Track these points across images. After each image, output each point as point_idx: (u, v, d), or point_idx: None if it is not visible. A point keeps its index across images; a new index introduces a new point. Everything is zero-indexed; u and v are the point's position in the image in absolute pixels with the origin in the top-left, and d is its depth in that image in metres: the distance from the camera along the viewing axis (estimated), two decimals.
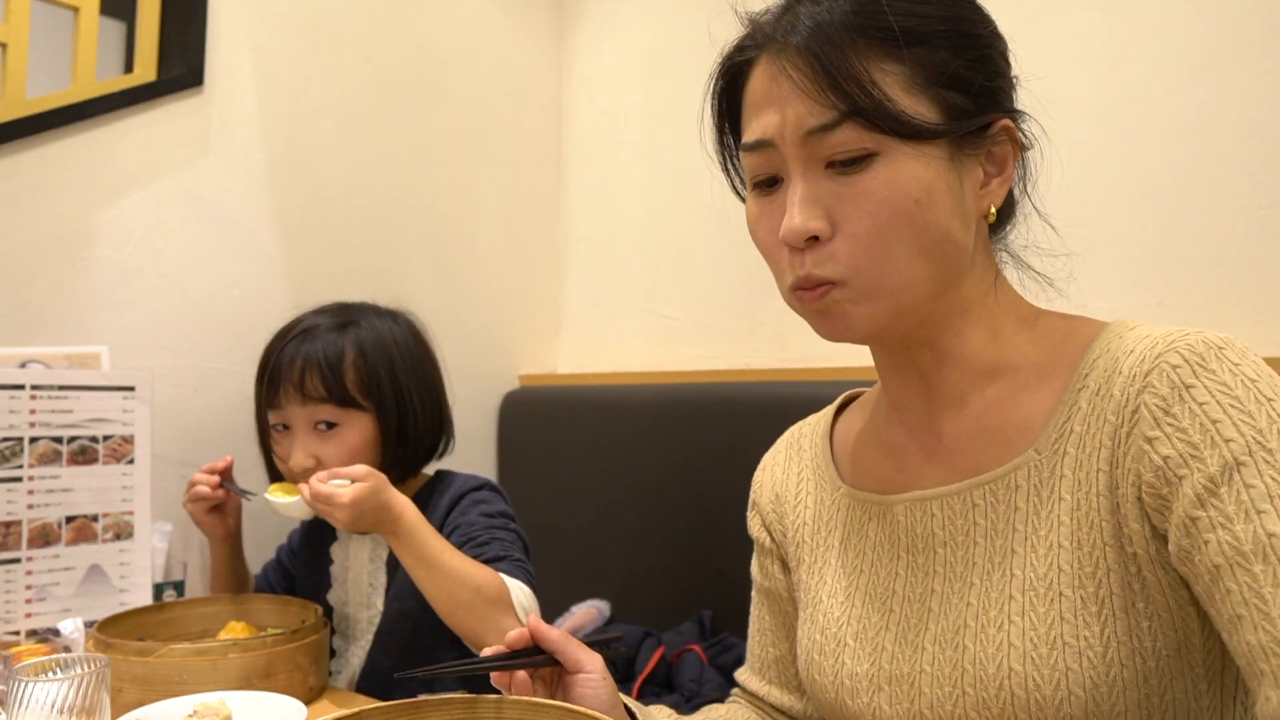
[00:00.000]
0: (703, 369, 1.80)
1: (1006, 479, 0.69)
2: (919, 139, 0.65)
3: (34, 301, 1.38)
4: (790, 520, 0.86)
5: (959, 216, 0.68)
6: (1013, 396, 0.72)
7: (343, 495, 1.10)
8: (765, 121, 0.69)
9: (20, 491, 1.19)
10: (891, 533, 0.75)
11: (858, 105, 0.64)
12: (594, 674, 0.75)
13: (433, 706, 0.71)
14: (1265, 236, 1.23)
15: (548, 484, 1.87)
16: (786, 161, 0.69)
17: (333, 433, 1.23)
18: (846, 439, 0.86)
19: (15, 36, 1.36)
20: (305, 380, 1.22)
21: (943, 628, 0.69)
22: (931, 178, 0.66)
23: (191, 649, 1.03)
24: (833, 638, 0.76)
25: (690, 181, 1.87)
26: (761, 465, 0.94)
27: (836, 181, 0.67)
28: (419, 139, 1.86)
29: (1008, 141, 0.70)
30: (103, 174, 1.45)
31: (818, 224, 0.67)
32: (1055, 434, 0.68)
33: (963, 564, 0.70)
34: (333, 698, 1.12)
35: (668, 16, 1.93)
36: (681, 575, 1.65)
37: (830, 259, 0.67)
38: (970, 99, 0.67)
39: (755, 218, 0.74)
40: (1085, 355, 0.69)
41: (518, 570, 1.17)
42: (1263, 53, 1.23)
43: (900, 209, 0.65)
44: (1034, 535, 0.67)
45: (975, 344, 0.73)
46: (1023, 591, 0.66)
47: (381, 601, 1.26)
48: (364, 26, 1.77)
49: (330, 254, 1.71)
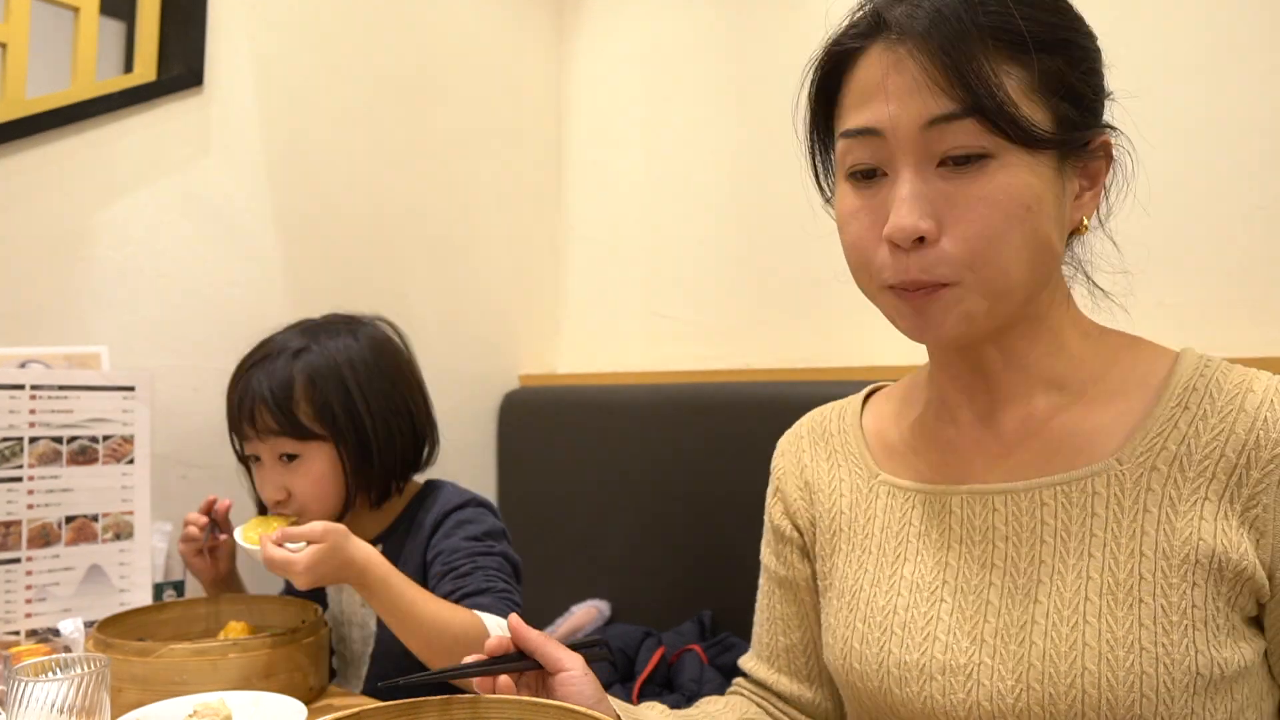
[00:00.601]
0: (703, 369, 1.80)
1: (1083, 484, 0.70)
2: (1034, 146, 0.65)
3: (34, 301, 1.38)
4: (824, 508, 0.85)
5: (1058, 227, 0.69)
6: (1077, 406, 0.73)
7: (298, 561, 1.05)
8: (876, 110, 0.67)
9: (20, 491, 1.19)
10: (942, 523, 0.75)
11: (982, 103, 0.64)
12: (574, 672, 0.74)
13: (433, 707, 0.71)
14: (1265, 236, 1.23)
15: (548, 484, 1.87)
16: (895, 155, 0.67)
17: (296, 464, 1.21)
18: (879, 430, 0.85)
19: (15, 36, 1.36)
20: (256, 416, 1.19)
21: (1005, 622, 0.69)
22: (1042, 186, 0.66)
23: (191, 649, 1.02)
24: (878, 626, 0.76)
25: (690, 181, 1.87)
26: (780, 450, 0.93)
27: (949, 182, 0.66)
28: (419, 139, 1.86)
29: (1103, 157, 0.71)
30: (103, 174, 1.45)
31: (928, 224, 0.66)
32: (1143, 448, 0.68)
33: (1027, 560, 0.70)
34: (333, 698, 1.12)
35: (667, 16, 1.93)
36: (681, 575, 1.65)
37: (940, 262, 0.66)
38: (1079, 111, 0.68)
39: (851, 210, 0.71)
40: (1172, 377, 0.71)
41: (500, 604, 1.13)
42: (1263, 52, 1.23)
43: (1013, 214, 0.65)
44: (1114, 542, 0.67)
45: (1041, 350, 0.74)
46: (1099, 595, 0.67)
47: (374, 621, 1.25)
48: (364, 26, 1.77)
49: (330, 254, 1.71)
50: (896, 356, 1.47)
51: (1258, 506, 0.65)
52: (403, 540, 1.26)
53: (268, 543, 1.08)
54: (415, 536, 1.25)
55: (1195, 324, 1.27)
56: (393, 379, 1.27)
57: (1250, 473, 0.65)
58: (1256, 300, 1.23)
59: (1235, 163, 1.25)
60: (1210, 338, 1.25)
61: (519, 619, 0.77)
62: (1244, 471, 0.66)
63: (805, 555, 0.87)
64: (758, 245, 1.75)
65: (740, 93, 1.80)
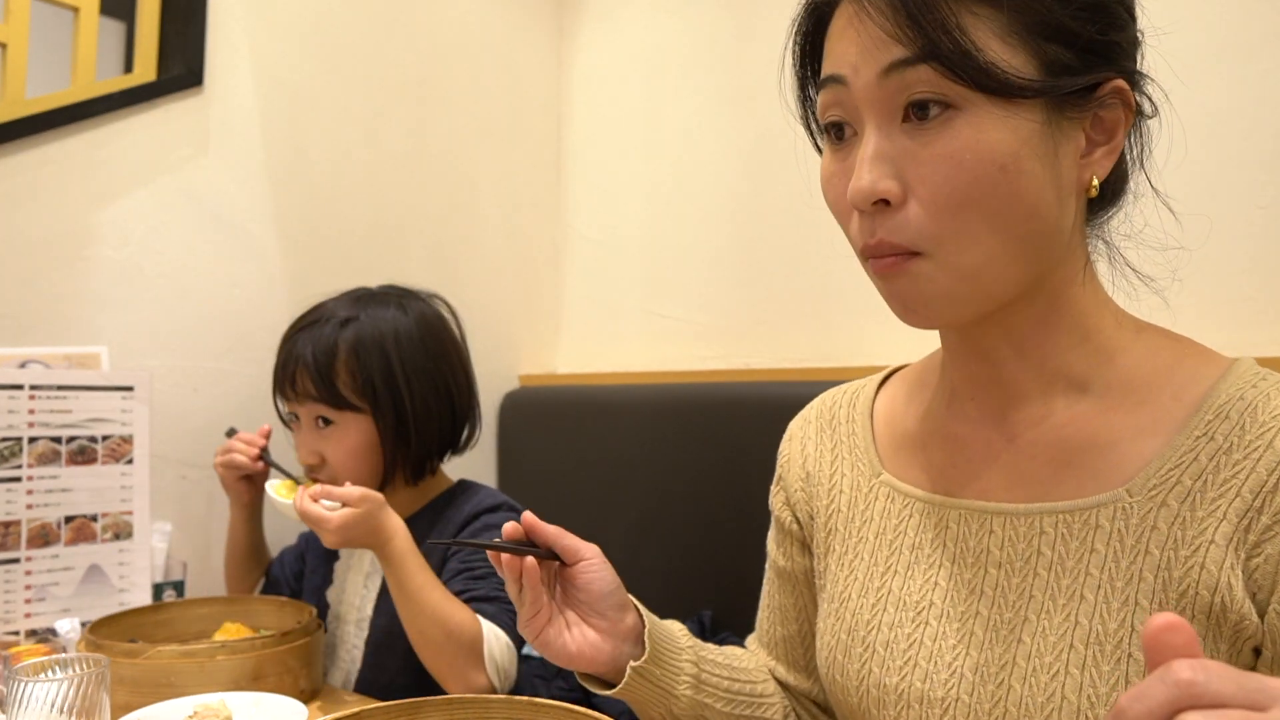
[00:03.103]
0: (703, 369, 1.80)
1: (1087, 515, 0.63)
2: (1008, 96, 0.58)
3: (34, 301, 1.38)
4: (822, 504, 0.81)
5: (1053, 189, 0.60)
6: (1102, 415, 0.65)
7: (331, 519, 1.07)
8: (839, 57, 0.63)
9: (19, 491, 1.19)
10: (937, 539, 0.70)
11: (937, 46, 0.57)
12: (594, 560, 0.74)
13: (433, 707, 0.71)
14: (1265, 236, 1.23)
15: (548, 484, 1.87)
16: (860, 107, 0.62)
17: (331, 430, 1.22)
18: (890, 419, 0.79)
19: (15, 36, 1.36)
20: (297, 379, 1.21)
21: (987, 658, 0.65)
22: (1019, 143, 0.58)
23: (179, 651, 1.02)
24: (861, 641, 0.72)
25: (691, 181, 1.87)
26: (788, 435, 0.89)
27: (913, 139, 0.60)
28: (419, 138, 1.86)
29: (1119, 105, 0.62)
30: (103, 174, 1.45)
31: (887, 184, 0.60)
32: (1156, 480, 0.61)
33: (1017, 593, 0.65)
34: (327, 699, 1.12)
35: (668, 16, 1.93)
36: (681, 575, 1.65)
37: (906, 226, 0.60)
38: (1076, 54, 0.59)
39: (828, 175, 0.67)
40: (1210, 397, 0.62)
41: (505, 615, 1.12)
42: (1263, 52, 1.23)
43: (982, 175, 0.58)
44: (1109, 585, 0.61)
45: (1063, 343, 0.66)
46: (1086, 643, 0.61)
47: (371, 609, 1.25)
48: (364, 27, 1.77)
49: (330, 253, 1.71)
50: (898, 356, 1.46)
51: (1259, 556, 0.58)
52: (426, 532, 1.25)
53: (305, 495, 1.11)
54: (441, 531, 1.25)
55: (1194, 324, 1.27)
56: (436, 357, 1.26)
57: (1260, 517, 0.58)
58: (1256, 300, 1.23)
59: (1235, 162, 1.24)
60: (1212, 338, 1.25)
61: (532, 515, 0.75)
62: (1255, 516, 0.58)
63: (805, 548, 0.85)
64: (757, 245, 1.75)
65: (740, 92, 1.80)
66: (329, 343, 1.21)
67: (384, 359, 1.22)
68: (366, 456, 1.22)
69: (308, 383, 1.20)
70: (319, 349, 1.20)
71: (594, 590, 0.74)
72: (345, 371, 1.21)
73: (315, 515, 1.08)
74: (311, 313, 1.26)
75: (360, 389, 1.21)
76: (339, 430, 1.22)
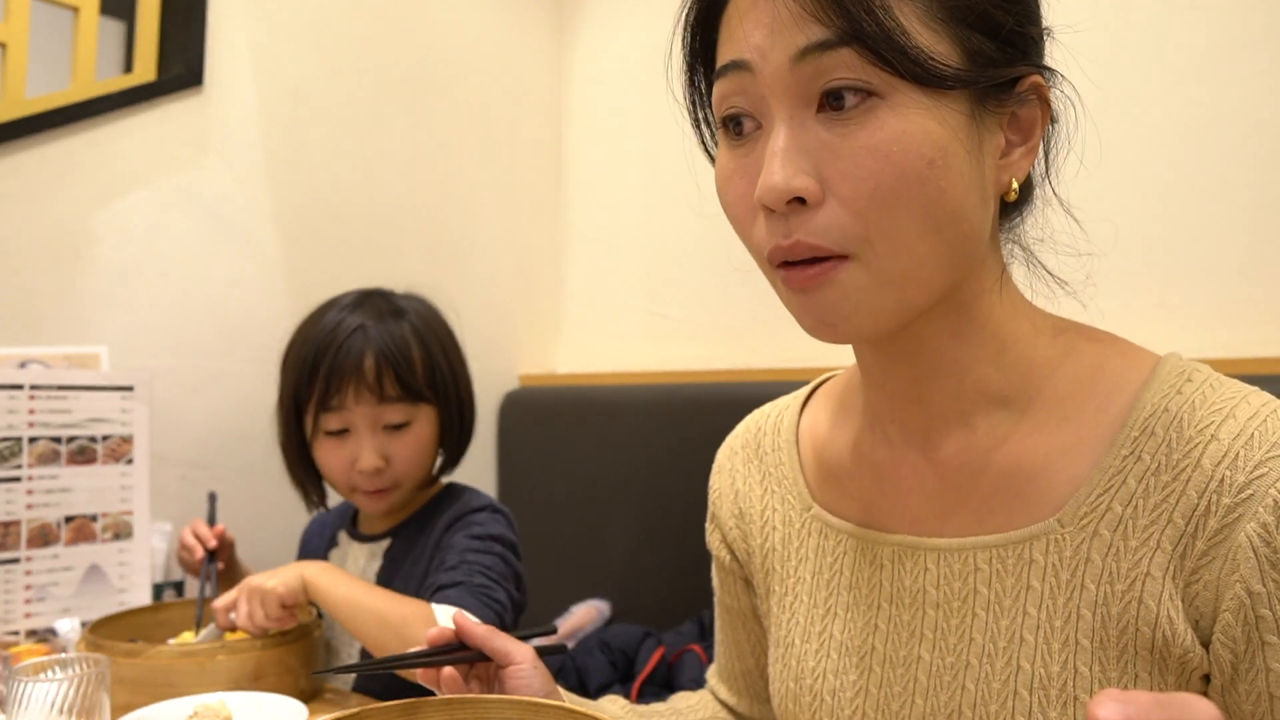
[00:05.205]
0: (703, 369, 1.80)
1: (1020, 549, 0.59)
2: (935, 85, 0.52)
3: (34, 301, 1.38)
4: (757, 543, 0.77)
5: (976, 190, 0.56)
6: (1029, 437, 0.61)
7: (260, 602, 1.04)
8: (743, 41, 0.56)
9: (19, 491, 1.19)
10: (873, 578, 0.66)
11: (861, 28, 0.51)
12: (524, 664, 0.72)
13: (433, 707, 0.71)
14: (1265, 236, 1.23)
15: (547, 484, 1.87)
16: (767, 98, 0.55)
17: (403, 431, 1.18)
18: (815, 444, 0.74)
19: (15, 36, 1.36)
20: (382, 380, 1.15)
21: (933, 707, 0.62)
22: (948, 136, 0.53)
23: (178, 651, 1.02)
24: (808, 690, 0.69)
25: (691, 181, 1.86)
26: (717, 467, 0.85)
27: (831, 131, 0.54)
28: (419, 138, 1.86)
29: (1037, 103, 0.58)
30: (103, 174, 1.45)
31: (803, 181, 0.53)
32: (1086, 508, 0.58)
33: (956, 635, 0.61)
34: (327, 698, 1.12)
35: (668, 16, 1.93)
36: (681, 575, 1.65)
37: (828, 227, 0.54)
38: (997, 45, 0.55)
39: (726, 175, 0.60)
40: (1135, 409, 0.58)
41: (467, 598, 1.09)
42: (1263, 52, 1.23)
43: (910, 170, 0.52)
44: (1048, 625, 0.58)
45: (979, 355, 0.61)
46: (1030, 689, 0.58)
47: None
48: (364, 27, 1.77)
49: (330, 254, 1.71)
50: None
51: (1198, 583, 0.54)
52: (415, 537, 1.24)
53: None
54: (428, 534, 1.24)
55: (1194, 324, 1.27)
56: (460, 348, 1.27)
57: (1196, 543, 0.54)
58: (1256, 300, 1.23)
59: (1235, 162, 1.24)
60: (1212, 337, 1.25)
61: (463, 614, 0.74)
62: (1189, 542, 0.54)
63: (748, 585, 0.81)
64: None
65: None
66: (400, 337, 1.16)
67: (442, 346, 1.22)
68: (430, 450, 1.20)
69: (392, 381, 1.15)
70: (396, 345, 1.15)
71: (524, 694, 0.71)
72: (420, 363, 1.18)
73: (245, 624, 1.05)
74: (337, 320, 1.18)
75: (431, 380, 1.19)
76: (413, 429, 1.18)
